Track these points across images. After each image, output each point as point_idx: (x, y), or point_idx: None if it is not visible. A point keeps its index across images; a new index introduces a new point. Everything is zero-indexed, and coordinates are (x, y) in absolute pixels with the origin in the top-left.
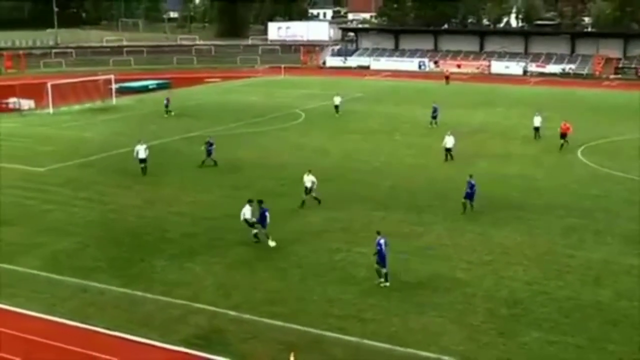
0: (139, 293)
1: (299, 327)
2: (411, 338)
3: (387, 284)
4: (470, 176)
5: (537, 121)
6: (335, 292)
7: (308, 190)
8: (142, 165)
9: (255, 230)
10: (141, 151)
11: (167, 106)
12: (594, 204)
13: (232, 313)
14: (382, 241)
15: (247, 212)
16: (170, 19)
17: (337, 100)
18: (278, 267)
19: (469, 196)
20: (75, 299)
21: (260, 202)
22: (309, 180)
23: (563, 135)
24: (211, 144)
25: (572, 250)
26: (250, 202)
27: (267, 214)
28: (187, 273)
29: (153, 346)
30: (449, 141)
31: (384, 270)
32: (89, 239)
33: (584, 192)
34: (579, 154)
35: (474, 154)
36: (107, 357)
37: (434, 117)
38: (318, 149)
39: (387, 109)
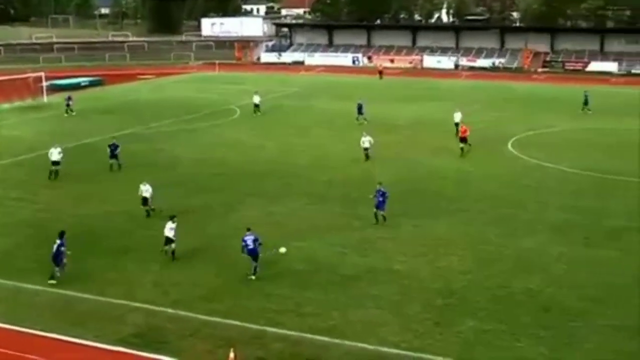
0: (74, 293)
1: (238, 322)
2: (350, 330)
3: (253, 277)
4: (380, 184)
5: (457, 117)
6: (273, 287)
7: (145, 201)
8: (55, 168)
9: (173, 246)
10: (54, 154)
11: (68, 105)
12: (525, 194)
13: (170, 310)
14: (247, 238)
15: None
16: (102, 15)
17: (256, 99)
18: (215, 263)
19: (380, 205)
20: (9, 301)
21: (61, 234)
22: (145, 190)
23: (463, 140)
24: (116, 146)
25: (504, 240)
26: (172, 218)
27: (62, 249)
28: (122, 271)
29: (90, 347)
30: (366, 141)
31: (254, 264)
32: (22, 239)
33: (514, 183)
34: (509, 146)
35: (408, 147)
36: (43, 359)
37: (360, 113)
38: (254, 144)
39: (322, 104)
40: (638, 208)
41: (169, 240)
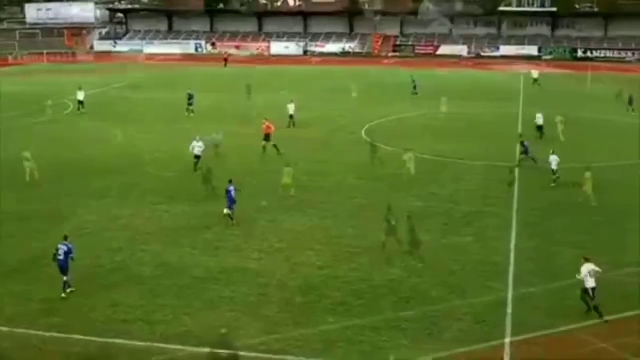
0: None
1: (81, 337)
2: (204, 336)
3: (64, 294)
4: (230, 182)
5: (290, 109)
6: (119, 295)
7: None
8: None
9: None
10: None
11: None
12: (381, 183)
13: (4, 329)
14: (60, 247)
15: None
16: None
17: (80, 95)
18: (52, 274)
19: (231, 204)
20: None
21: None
22: None
23: (267, 137)
24: None
25: (363, 232)
26: None
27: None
28: None
29: None
30: (197, 147)
31: (64, 278)
32: None
33: (370, 172)
34: (363, 133)
35: (260, 139)
36: None
37: (190, 105)
38: (91, 140)
39: (164, 96)
40: (488, 192)
41: None
